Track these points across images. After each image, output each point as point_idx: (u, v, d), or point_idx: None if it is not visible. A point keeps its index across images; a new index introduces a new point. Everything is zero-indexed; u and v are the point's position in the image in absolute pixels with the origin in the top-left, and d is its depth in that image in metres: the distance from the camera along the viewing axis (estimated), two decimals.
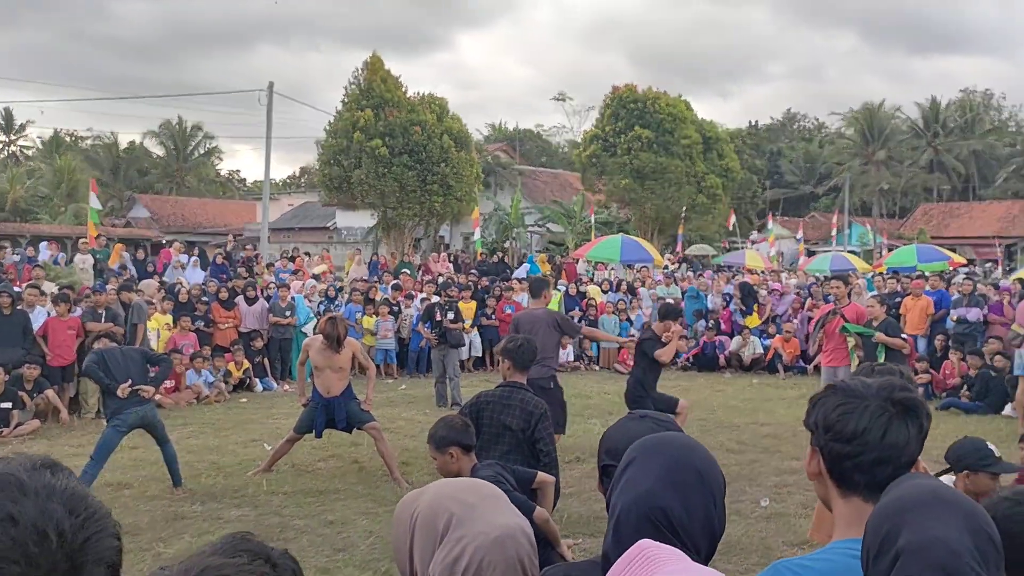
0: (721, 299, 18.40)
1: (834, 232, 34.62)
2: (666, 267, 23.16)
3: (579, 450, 9.17)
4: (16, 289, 12.48)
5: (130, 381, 7.39)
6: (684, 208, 30.28)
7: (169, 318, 13.83)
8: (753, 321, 17.26)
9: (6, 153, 56.97)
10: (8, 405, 10.51)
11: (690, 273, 22.29)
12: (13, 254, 18.60)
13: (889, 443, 1.59)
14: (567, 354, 16.98)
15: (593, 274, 22.07)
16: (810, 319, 15.15)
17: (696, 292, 18.77)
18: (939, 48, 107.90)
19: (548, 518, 4.58)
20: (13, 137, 57.80)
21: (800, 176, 57.31)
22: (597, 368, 17.16)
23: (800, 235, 32.88)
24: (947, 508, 1.30)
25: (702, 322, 17.65)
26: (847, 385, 1.69)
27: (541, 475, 4.63)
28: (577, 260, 22.94)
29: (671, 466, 1.60)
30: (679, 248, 29.54)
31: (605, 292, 18.78)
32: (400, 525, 1.82)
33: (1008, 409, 12.16)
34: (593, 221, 26.37)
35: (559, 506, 4.97)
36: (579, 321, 17.60)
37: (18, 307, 11.47)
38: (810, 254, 32.15)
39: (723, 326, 17.59)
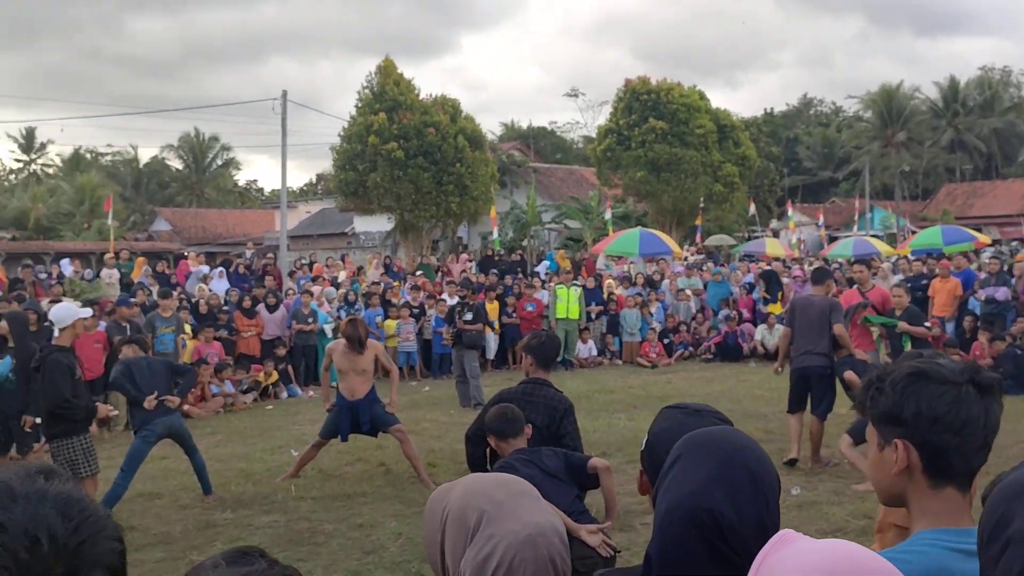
0: (740, 288, 18.32)
1: (856, 216, 34.31)
2: (686, 258, 23.05)
3: (605, 445, 9.14)
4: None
5: (156, 392, 7.44)
6: (701, 199, 30.10)
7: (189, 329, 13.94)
8: (777, 308, 17.15)
9: (28, 172, 57.41)
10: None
11: (711, 263, 22.18)
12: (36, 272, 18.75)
13: (990, 427, 1.55)
14: (589, 348, 16.95)
15: (612, 268, 22.01)
16: None
17: (724, 279, 18.77)
18: (943, 29, 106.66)
19: (607, 467, 4.66)
20: (34, 156, 58.21)
21: (818, 162, 56.80)
22: (620, 362, 17.11)
23: (821, 221, 32.63)
24: None
25: (725, 311, 17.56)
26: (932, 370, 1.58)
27: (595, 459, 4.65)
28: (596, 255, 22.87)
29: (721, 465, 1.50)
30: (699, 239, 29.38)
31: (624, 286, 18.72)
32: (431, 521, 1.83)
33: None
34: (610, 216, 26.24)
35: (587, 500, 4.92)
36: (600, 316, 17.57)
37: (44, 323, 11.56)
38: (832, 240, 31.92)
39: (745, 315, 17.53)
